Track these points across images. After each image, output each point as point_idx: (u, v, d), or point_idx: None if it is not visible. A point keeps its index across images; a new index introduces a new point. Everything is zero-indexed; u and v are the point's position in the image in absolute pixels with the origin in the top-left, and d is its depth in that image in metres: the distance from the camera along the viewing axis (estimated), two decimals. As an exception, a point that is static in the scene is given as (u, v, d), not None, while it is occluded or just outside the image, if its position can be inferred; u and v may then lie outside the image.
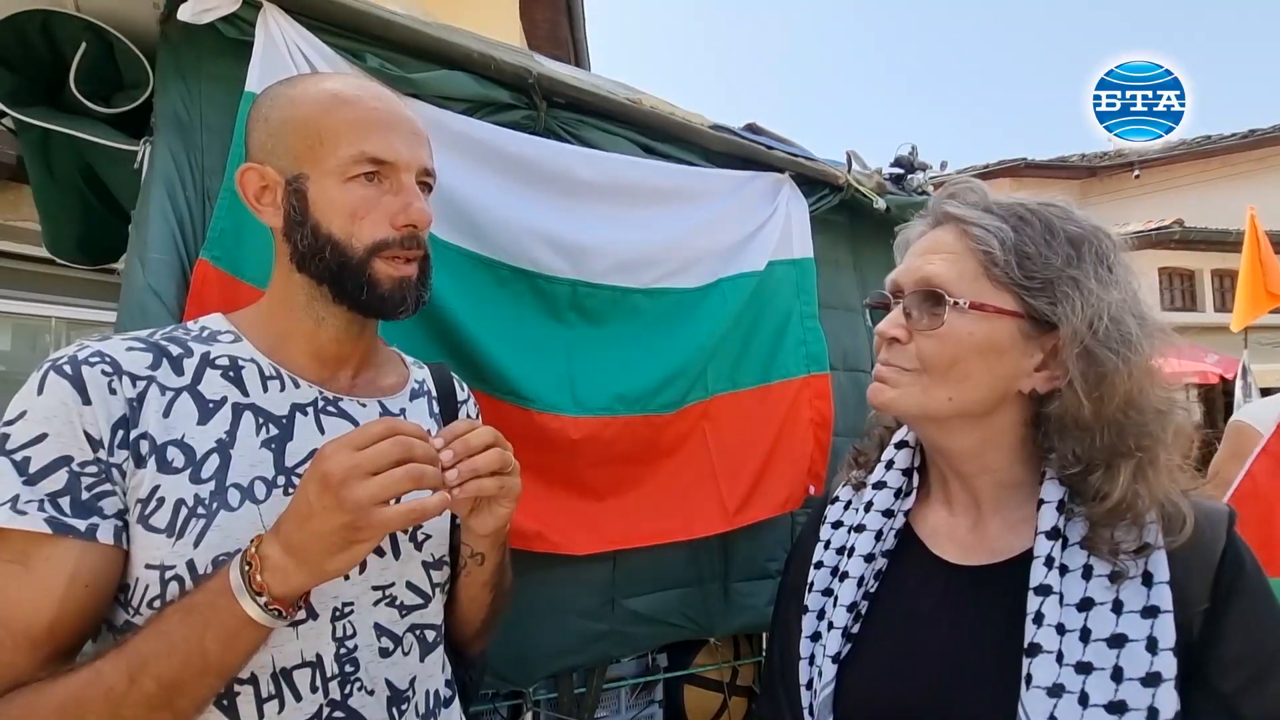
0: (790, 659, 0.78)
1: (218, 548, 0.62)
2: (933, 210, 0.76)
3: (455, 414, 0.89)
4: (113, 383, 0.62)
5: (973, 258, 0.68)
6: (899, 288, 0.74)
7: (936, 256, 0.71)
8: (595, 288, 1.40)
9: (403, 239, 0.71)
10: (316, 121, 0.70)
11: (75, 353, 0.62)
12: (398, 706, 0.71)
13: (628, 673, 1.70)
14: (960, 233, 0.70)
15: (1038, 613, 0.62)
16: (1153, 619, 0.59)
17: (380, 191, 0.71)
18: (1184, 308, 11.10)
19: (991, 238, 0.68)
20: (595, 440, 1.36)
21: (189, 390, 0.66)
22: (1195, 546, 0.62)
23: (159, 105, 1.06)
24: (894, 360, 0.72)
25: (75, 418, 0.59)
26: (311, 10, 1.10)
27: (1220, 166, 11.89)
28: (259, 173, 0.72)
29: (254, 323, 0.75)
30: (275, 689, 0.63)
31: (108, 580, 0.60)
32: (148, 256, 0.99)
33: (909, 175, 1.93)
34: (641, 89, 1.51)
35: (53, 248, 1.49)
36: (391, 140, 0.71)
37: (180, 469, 0.63)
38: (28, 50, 1.10)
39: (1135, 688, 0.58)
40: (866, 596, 0.75)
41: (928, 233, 0.75)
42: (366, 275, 0.70)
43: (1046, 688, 0.59)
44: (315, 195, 0.70)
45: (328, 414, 0.73)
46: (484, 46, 1.28)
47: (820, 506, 0.90)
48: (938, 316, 0.68)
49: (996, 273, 0.67)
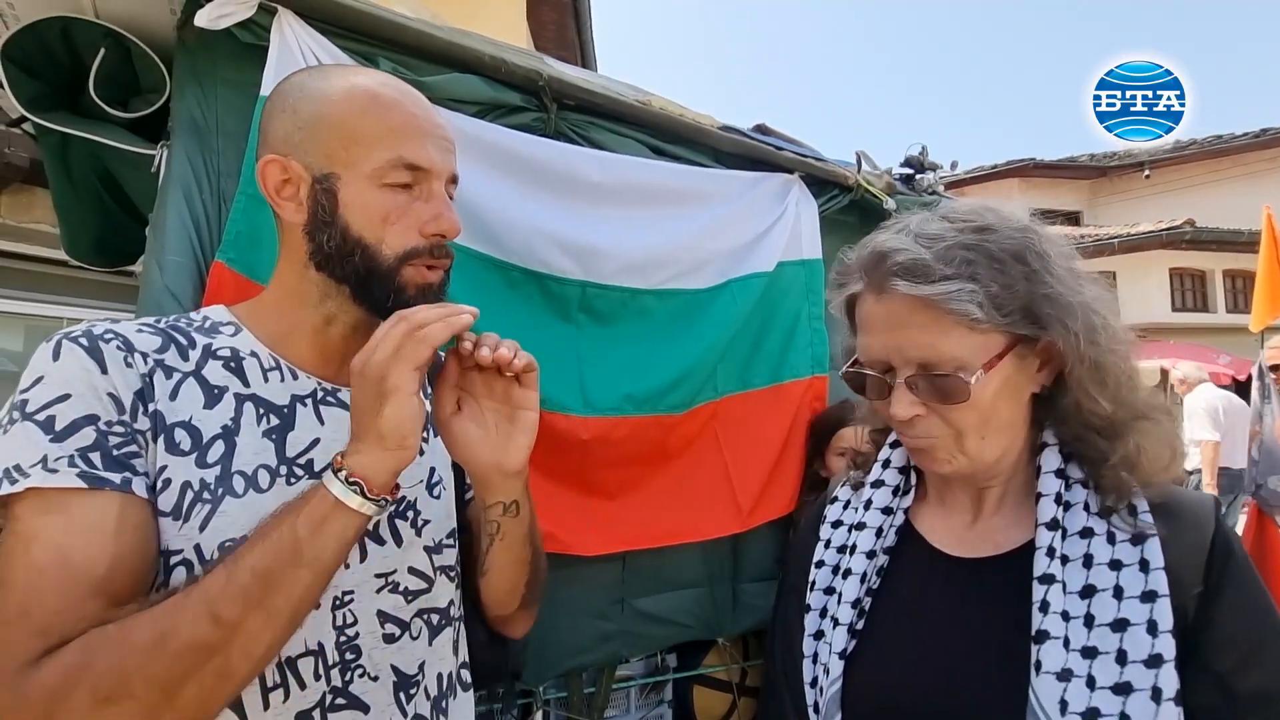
0: (793, 657, 0.79)
1: (223, 533, 0.61)
2: (872, 271, 0.71)
3: None
4: (127, 358, 0.62)
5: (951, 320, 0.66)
6: (886, 365, 0.71)
7: (920, 332, 0.67)
8: (605, 289, 1.41)
9: (432, 248, 0.71)
10: (353, 122, 0.69)
11: (90, 328, 0.62)
12: (405, 691, 0.72)
13: (637, 673, 1.70)
14: (928, 303, 0.67)
15: (1043, 601, 0.64)
16: (1151, 603, 0.62)
17: (411, 198, 0.70)
18: (1196, 308, 11.01)
19: (966, 303, 0.65)
20: (605, 440, 1.36)
21: (194, 375, 0.66)
22: (1186, 534, 0.65)
23: (175, 110, 1.07)
24: (928, 433, 0.70)
25: (97, 380, 0.59)
26: (325, 15, 1.11)
27: (1232, 166, 11.79)
28: (282, 165, 0.69)
29: (257, 315, 0.74)
30: (280, 678, 0.64)
31: (151, 530, 0.59)
32: (165, 259, 1.01)
33: (919, 175, 1.93)
34: (650, 90, 1.52)
35: (70, 250, 1.51)
36: (428, 148, 0.71)
37: (187, 451, 0.63)
38: (49, 56, 1.12)
39: (1139, 669, 0.60)
40: (870, 593, 0.76)
41: (876, 296, 0.71)
42: (396, 283, 0.70)
43: (1056, 672, 0.61)
44: (347, 197, 0.68)
45: (327, 404, 0.73)
46: (495, 50, 1.29)
47: (819, 505, 0.91)
48: (960, 391, 0.66)
49: (981, 325, 0.66)
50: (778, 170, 1.64)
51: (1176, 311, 10.83)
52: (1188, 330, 10.37)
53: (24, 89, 1.12)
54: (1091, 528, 0.68)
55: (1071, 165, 12.97)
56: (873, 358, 0.73)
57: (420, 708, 0.73)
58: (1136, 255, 10.35)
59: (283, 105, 0.71)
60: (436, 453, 0.82)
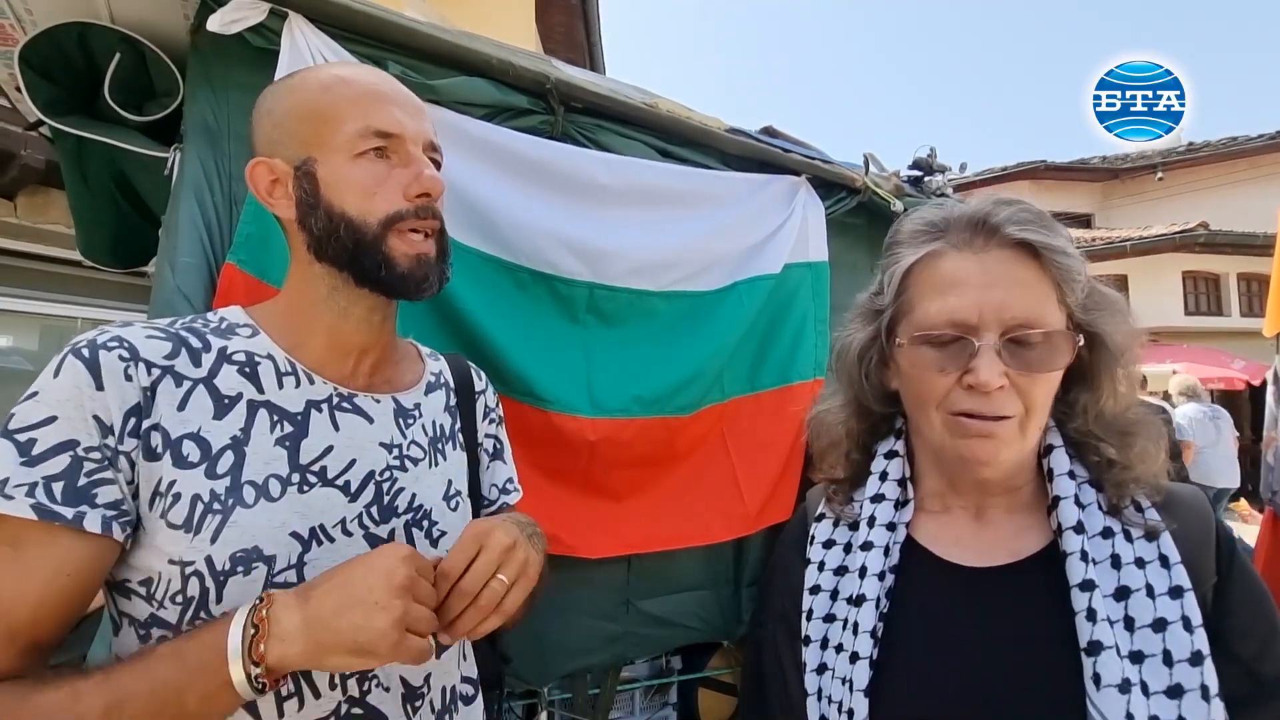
0: (791, 697, 0.73)
1: (234, 544, 0.62)
2: (975, 228, 0.67)
3: (473, 405, 0.89)
4: (129, 369, 0.61)
5: (1049, 287, 0.65)
6: (969, 328, 0.65)
7: (1019, 288, 0.64)
8: (613, 290, 1.41)
9: (416, 209, 0.71)
10: (318, 103, 0.70)
11: (96, 337, 0.62)
12: (412, 703, 0.72)
13: (642, 674, 1.70)
14: (1036, 259, 0.65)
15: (1089, 609, 0.61)
16: (1181, 599, 0.61)
17: (390, 166, 0.71)
18: (1209, 312, 10.89)
19: (1075, 268, 0.64)
20: (613, 442, 1.37)
21: (205, 383, 0.66)
22: (1193, 526, 0.66)
23: (188, 113, 1.09)
24: (1002, 411, 0.64)
25: (86, 401, 0.59)
26: (335, 19, 1.12)
27: (1246, 168, 11.66)
28: (268, 165, 0.71)
29: (273, 317, 0.74)
30: (295, 687, 0.64)
31: (92, 570, 0.59)
32: (177, 260, 1.02)
33: (927, 177, 1.92)
34: (657, 93, 1.52)
35: (86, 251, 1.53)
36: (394, 113, 0.71)
37: (196, 464, 0.63)
38: (65, 61, 1.14)
39: (1185, 669, 0.59)
40: (881, 618, 0.69)
41: (967, 255, 0.67)
42: (382, 252, 0.69)
43: (1117, 685, 0.58)
44: (325, 175, 0.69)
45: (342, 410, 0.73)
46: (503, 53, 1.29)
47: (800, 522, 0.84)
48: (1057, 355, 0.64)
49: (1069, 300, 0.65)
50: (785, 172, 1.64)
51: (1190, 315, 10.72)
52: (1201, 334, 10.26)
53: (41, 93, 1.14)
54: (1110, 527, 0.66)
55: (1083, 167, 12.87)
56: (957, 319, 0.65)
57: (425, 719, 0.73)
58: (1149, 258, 10.25)
59: (261, 110, 0.74)
60: (453, 466, 0.82)
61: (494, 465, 0.93)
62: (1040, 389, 0.65)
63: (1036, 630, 0.65)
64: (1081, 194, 13.20)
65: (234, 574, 0.61)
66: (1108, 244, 10.37)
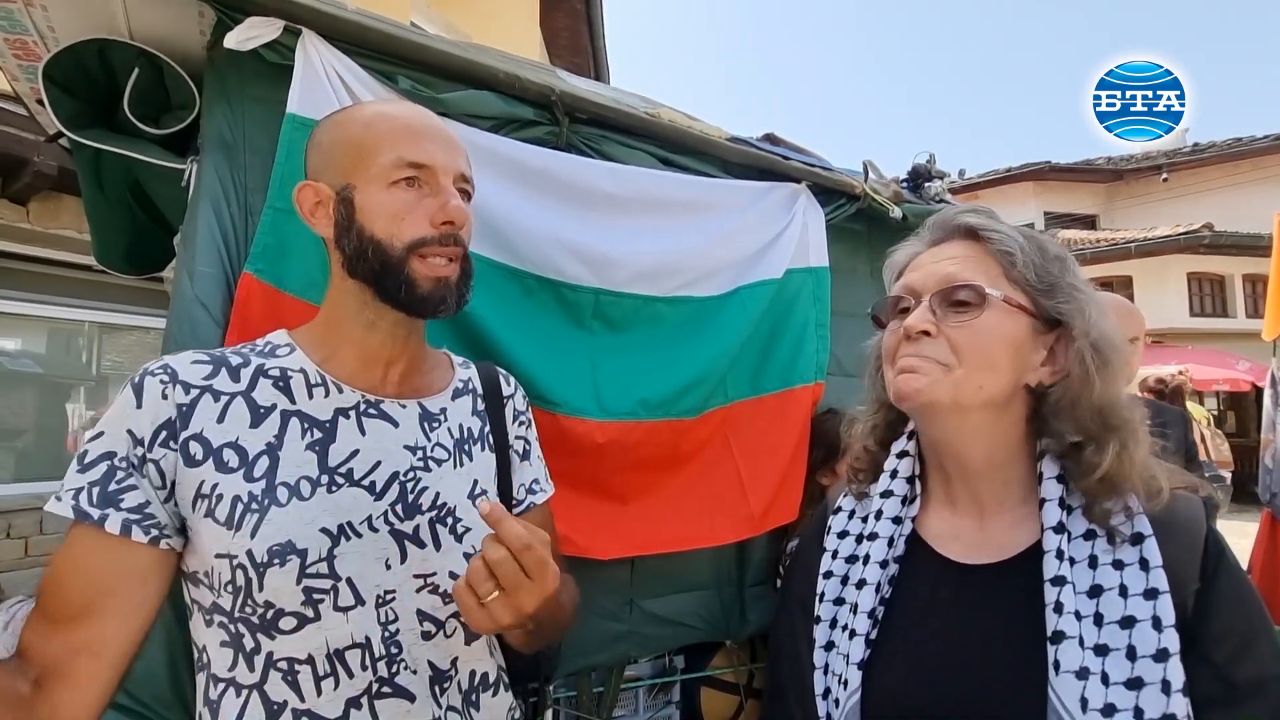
0: (800, 668, 0.81)
1: (271, 539, 0.68)
2: (939, 227, 0.82)
3: (501, 409, 0.94)
4: (166, 390, 0.70)
5: (993, 260, 0.75)
6: (915, 292, 0.78)
7: (956, 260, 0.77)
8: (618, 296, 1.44)
9: (440, 236, 0.77)
10: (359, 135, 0.78)
11: (150, 364, 0.72)
12: (440, 685, 0.77)
13: (645, 673, 1.72)
14: (976, 241, 0.77)
15: (1057, 602, 0.66)
16: (1154, 600, 0.64)
17: (420, 195, 0.77)
18: (1214, 313, 10.87)
19: (1011, 242, 0.75)
20: (619, 444, 1.39)
21: (243, 395, 0.74)
22: (1181, 534, 0.69)
23: (205, 126, 1.12)
24: (924, 352, 0.74)
25: (127, 417, 0.68)
26: (348, 36, 1.15)
27: (1251, 170, 11.63)
28: (314, 189, 0.79)
29: (311, 336, 0.82)
30: (330, 668, 0.70)
31: (105, 566, 0.66)
32: (195, 270, 1.05)
33: (926, 184, 1.94)
34: (660, 99, 1.55)
35: (101, 258, 1.57)
36: (427, 146, 0.78)
37: (235, 469, 0.70)
38: (86, 76, 1.17)
39: (1148, 664, 0.63)
40: (882, 602, 0.77)
41: (932, 248, 0.81)
42: (404, 274, 0.75)
43: (1074, 671, 0.63)
44: (361, 201, 0.76)
45: (369, 416, 0.79)
46: (510, 66, 1.32)
47: (820, 516, 0.92)
48: (974, 308, 0.73)
49: (1015, 274, 0.74)
50: (786, 180, 1.67)
51: (1194, 316, 10.70)
52: (1206, 335, 10.23)
53: (63, 107, 1.18)
54: (1094, 529, 0.70)
55: (1087, 169, 12.85)
56: (907, 285, 0.79)
57: (453, 700, 0.78)
58: (1154, 259, 10.24)
59: (313, 142, 0.82)
60: (480, 466, 0.87)
61: (522, 466, 0.97)
62: (971, 340, 0.73)
63: (1012, 622, 0.71)
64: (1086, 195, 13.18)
65: (271, 565, 0.68)
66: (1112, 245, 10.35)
